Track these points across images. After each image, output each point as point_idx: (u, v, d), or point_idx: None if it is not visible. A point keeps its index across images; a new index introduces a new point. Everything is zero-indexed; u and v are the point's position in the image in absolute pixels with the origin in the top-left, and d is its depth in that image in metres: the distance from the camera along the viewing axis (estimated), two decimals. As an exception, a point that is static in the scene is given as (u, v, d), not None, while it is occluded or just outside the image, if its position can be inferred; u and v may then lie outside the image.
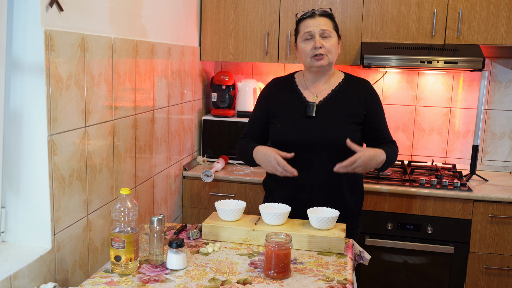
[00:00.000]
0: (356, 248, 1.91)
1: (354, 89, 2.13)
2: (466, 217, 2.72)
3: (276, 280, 1.56)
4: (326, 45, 2.03)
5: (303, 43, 2.07)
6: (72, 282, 1.77)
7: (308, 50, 2.05)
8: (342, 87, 2.13)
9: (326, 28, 2.04)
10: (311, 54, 2.04)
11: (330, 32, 2.05)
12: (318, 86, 2.14)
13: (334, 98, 2.10)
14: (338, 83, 2.15)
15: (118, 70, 2.05)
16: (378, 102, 2.16)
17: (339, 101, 2.10)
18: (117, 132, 2.07)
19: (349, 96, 2.11)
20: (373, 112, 2.12)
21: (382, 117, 2.16)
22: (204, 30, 3.15)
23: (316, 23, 2.04)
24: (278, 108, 2.14)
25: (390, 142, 2.15)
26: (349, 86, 2.14)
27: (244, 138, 2.22)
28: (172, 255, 1.61)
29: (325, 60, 2.05)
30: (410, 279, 2.84)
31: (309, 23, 2.05)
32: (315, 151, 2.06)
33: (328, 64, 2.07)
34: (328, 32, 2.04)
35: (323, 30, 2.03)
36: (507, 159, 3.26)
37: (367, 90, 2.14)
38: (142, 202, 2.41)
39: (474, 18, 2.83)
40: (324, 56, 2.04)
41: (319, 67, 2.07)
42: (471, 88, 3.24)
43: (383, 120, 2.17)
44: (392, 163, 2.10)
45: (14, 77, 1.56)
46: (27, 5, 1.52)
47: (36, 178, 1.60)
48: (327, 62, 2.06)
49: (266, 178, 2.25)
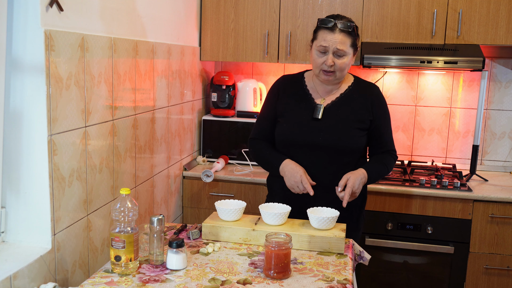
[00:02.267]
0: (356, 248, 1.91)
1: (362, 94, 2.12)
2: (466, 217, 2.72)
3: (276, 280, 1.56)
4: (337, 63, 2.00)
5: (316, 53, 2.03)
6: (72, 282, 1.77)
7: (319, 64, 2.02)
8: (351, 91, 2.12)
9: (342, 48, 1.97)
10: (320, 68, 2.03)
11: (346, 51, 1.99)
12: (327, 89, 2.13)
13: (342, 102, 2.10)
14: (347, 87, 2.14)
15: (118, 70, 2.05)
16: (385, 108, 2.15)
17: (347, 106, 2.10)
18: (117, 132, 2.06)
19: (357, 101, 2.10)
20: (378, 118, 2.12)
21: (387, 124, 2.16)
22: (204, 30, 3.15)
23: (333, 40, 1.97)
24: (285, 107, 2.13)
25: (389, 151, 2.16)
26: (358, 90, 2.13)
27: (257, 139, 2.21)
28: (172, 255, 1.61)
29: (333, 77, 2.04)
30: (410, 279, 2.84)
31: (327, 37, 1.98)
32: (319, 153, 2.06)
33: (335, 80, 2.06)
34: (342, 52, 1.98)
35: (338, 49, 1.98)
36: (507, 159, 3.26)
37: (374, 95, 2.14)
38: (142, 202, 2.41)
39: (474, 18, 2.83)
40: (332, 74, 2.03)
41: (325, 82, 2.08)
42: (471, 88, 3.24)
43: (388, 128, 2.16)
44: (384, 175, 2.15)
45: (14, 77, 1.56)
46: (27, 5, 1.52)
47: (36, 178, 1.60)
48: (334, 78, 2.05)
49: (270, 177, 2.25)
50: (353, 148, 2.07)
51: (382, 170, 2.12)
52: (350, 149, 2.06)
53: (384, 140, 2.15)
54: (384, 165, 2.13)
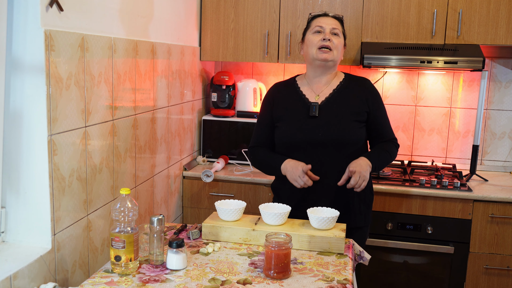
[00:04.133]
0: (356, 248, 1.91)
1: (356, 88, 2.16)
2: (466, 217, 2.72)
3: (276, 280, 1.56)
4: (334, 41, 2.10)
5: (312, 35, 2.13)
6: (72, 282, 1.77)
7: (316, 41, 2.10)
8: (343, 86, 2.16)
9: (337, 27, 2.12)
10: (318, 45, 2.09)
11: (340, 32, 2.13)
12: (319, 86, 2.16)
13: (336, 97, 2.13)
14: (339, 82, 2.18)
15: (118, 70, 2.05)
16: (379, 99, 2.19)
17: (341, 100, 2.12)
18: (117, 132, 2.06)
19: (351, 94, 2.14)
20: (375, 110, 2.15)
21: (383, 115, 2.19)
22: (204, 30, 3.15)
23: (328, 22, 2.13)
24: (282, 112, 2.16)
25: (391, 139, 2.20)
26: (350, 84, 2.17)
27: (258, 147, 2.23)
28: (172, 255, 1.61)
29: (330, 55, 2.09)
30: (410, 279, 2.84)
31: (321, 20, 2.14)
32: (321, 150, 2.07)
33: (332, 60, 2.10)
34: (337, 31, 2.13)
35: (333, 28, 2.11)
36: (507, 159, 3.25)
37: (368, 88, 2.18)
38: (142, 202, 2.41)
39: (474, 18, 2.83)
40: (330, 52, 2.08)
41: (323, 60, 2.09)
42: (471, 88, 3.24)
43: (385, 118, 2.20)
44: (388, 161, 2.16)
45: (14, 77, 1.56)
46: (27, 5, 1.52)
47: (36, 178, 1.60)
48: (332, 57, 2.09)
49: (275, 181, 2.26)
50: (353, 140, 2.09)
51: (384, 155, 2.14)
52: (351, 142, 2.08)
53: (383, 130, 2.19)
54: (386, 151, 2.15)
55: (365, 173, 1.99)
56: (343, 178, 2.02)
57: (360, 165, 2.00)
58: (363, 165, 2.00)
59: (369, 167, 2.02)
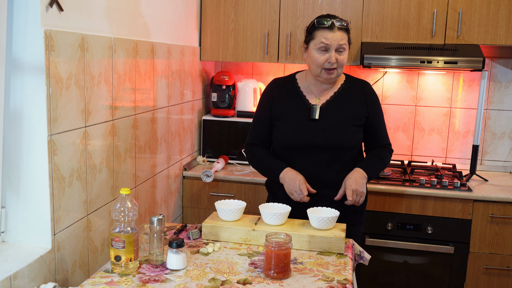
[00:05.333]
0: (356, 248, 1.91)
1: (356, 91, 2.15)
2: (466, 217, 2.72)
3: (276, 280, 1.56)
4: (339, 59, 2.03)
5: (316, 52, 2.04)
6: (72, 282, 1.77)
7: (321, 62, 2.03)
8: (344, 89, 2.15)
9: (343, 43, 2.03)
10: (323, 67, 2.04)
11: (346, 44, 2.04)
12: (320, 89, 2.14)
13: (336, 101, 2.12)
14: (340, 85, 2.16)
15: (118, 70, 2.05)
16: (378, 104, 2.19)
17: (342, 104, 2.11)
18: (117, 132, 2.06)
19: (351, 98, 2.13)
20: (373, 115, 2.15)
21: (381, 120, 2.19)
22: (204, 30, 3.15)
23: (335, 37, 2.01)
24: (281, 111, 2.14)
25: (385, 145, 2.19)
26: (351, 88, 2.15)
27: (256, 145, 2.21)
28: (172, 255, 1.61)
29: (335, 74, 2.06)
30: (410, 279, 2.84)
31: (328, 35, 2.01)
32: (319, 153, 2.07)
33: (336, 77, 2.08)
34: (344, 47, 2.03)
35: (340, 45, 2.02)
36: (507, 159, 3.25)
37: (368, 92, 2.17)
38: (142, 202, 2.41)
39: (474, 18, 2.83)
40: (334, 70, 2.05)
41: (328, 80, 2.08)
42: (471, 88, 3.24)
43: (382, 123, 2.19)
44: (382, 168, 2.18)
45: (14, 77, 1.56)
46: (27, 5, 1.52)
47: (36, 178, 1.60)
48: (336, 75, 2.08)
49: (268, 180, 2.25)
50: (352, 145, 2.09)
51: (379, 164, 2.15)
52: (350, 146, 2.08)
53: (379, 135, 2.18)
54: (380, 159, 2.15)
55: (362, 189, 2.01)
56: (339, 193, 2.03)
57: (356, 180, 2.00)
58: (358, 179, 2.01)
59: (365, 178, 2.04)
